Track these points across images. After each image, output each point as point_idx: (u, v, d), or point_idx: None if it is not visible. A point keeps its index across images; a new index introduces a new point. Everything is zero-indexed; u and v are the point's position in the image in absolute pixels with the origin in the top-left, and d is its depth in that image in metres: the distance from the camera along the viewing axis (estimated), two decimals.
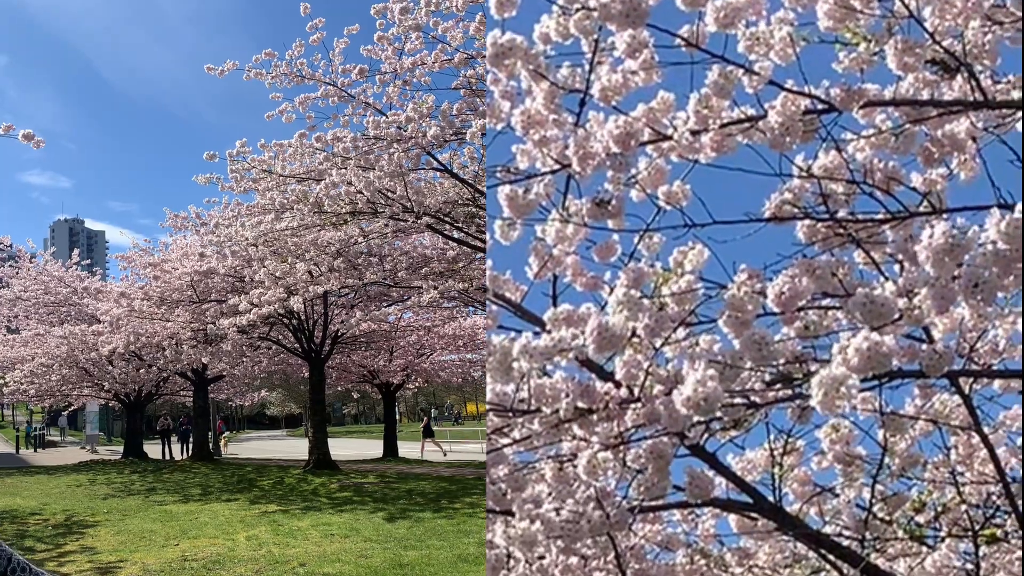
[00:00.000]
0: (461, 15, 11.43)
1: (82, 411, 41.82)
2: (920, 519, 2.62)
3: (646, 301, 2.34)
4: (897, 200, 2.36)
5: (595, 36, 2.33)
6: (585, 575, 2.56)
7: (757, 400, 2.37)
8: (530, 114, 2.38)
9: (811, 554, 2.63)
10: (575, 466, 2.41)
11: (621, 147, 2.33)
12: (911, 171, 2.41)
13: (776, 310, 2.31)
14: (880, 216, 2.36)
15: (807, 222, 2.40)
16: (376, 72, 12.34)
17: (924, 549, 2.60)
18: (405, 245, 19.67)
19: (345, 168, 12.73)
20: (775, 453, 2.57)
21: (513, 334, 2.33)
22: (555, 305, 2.49)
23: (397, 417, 39.23)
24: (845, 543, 2.52)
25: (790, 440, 2.58)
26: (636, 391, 2.35)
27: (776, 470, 2.57)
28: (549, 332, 2.31)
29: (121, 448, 35.12)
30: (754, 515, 2.55)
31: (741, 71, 2.29)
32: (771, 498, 2.52)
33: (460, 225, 14.94)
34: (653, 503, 2.45)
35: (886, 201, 2.37)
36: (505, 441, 2.43)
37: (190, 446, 32.85)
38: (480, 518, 12.99)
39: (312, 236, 15.71)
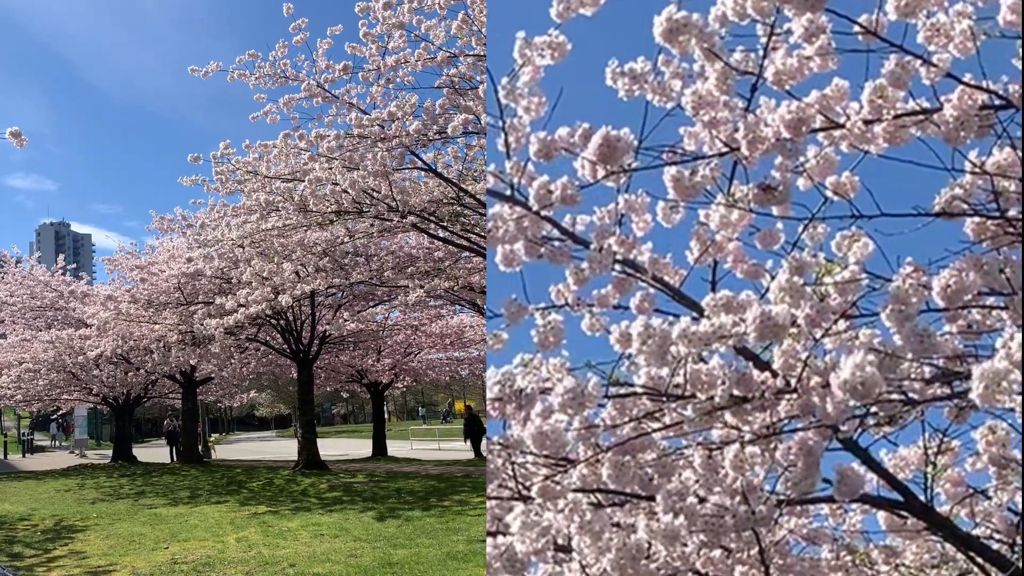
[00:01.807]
0: (443, 14, 11.38)
1: (70, 415, 40.80)
2: None
3: (808, 290, 2.31)
4: None
5: (772, 19, 2.31)
6: (727, 567, 2.56)
7: (915, 397, 2.35)
8: (701, 95, 2.34)
9: (959, 556, 2.62)
10: (723, 456, 2.41)
11: (792, 133, 2.30)
12: None
13: (941, 305, 2.27)
14: None
15: (976, 219, 2.37)
16: (359, 70, 12.15)
17: None
18: (391, 245, 19.55)
19: (330, 166, 12.30)
20: (929, 452, 2.57)
21: (671, 318, 2.32)
22: (714, 291, 2.48)
23: (386, 416, 38.69)
24: (995, 547, 2.50)
25: (945, 439, 2.56)
26: (793, 381, 2.33)
27: (929, 469, 2.56)
28: (708, 318, 2.28)
29: (110, 452, 34.21)
30: (904, 513, 2.54)
31: (919, 62, 2.27)
32: (922, 497, 2.51)
33: (445, 224, 14.83)
34: (802, 498, 2.44)
35: None
36: (655, 425, 2.40)
37: (179, 448, 32.08)
38: (469, 515, 12.84)
39: (298, 236, 15.56)
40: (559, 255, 2.40)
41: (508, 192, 2.35)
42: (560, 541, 2.40)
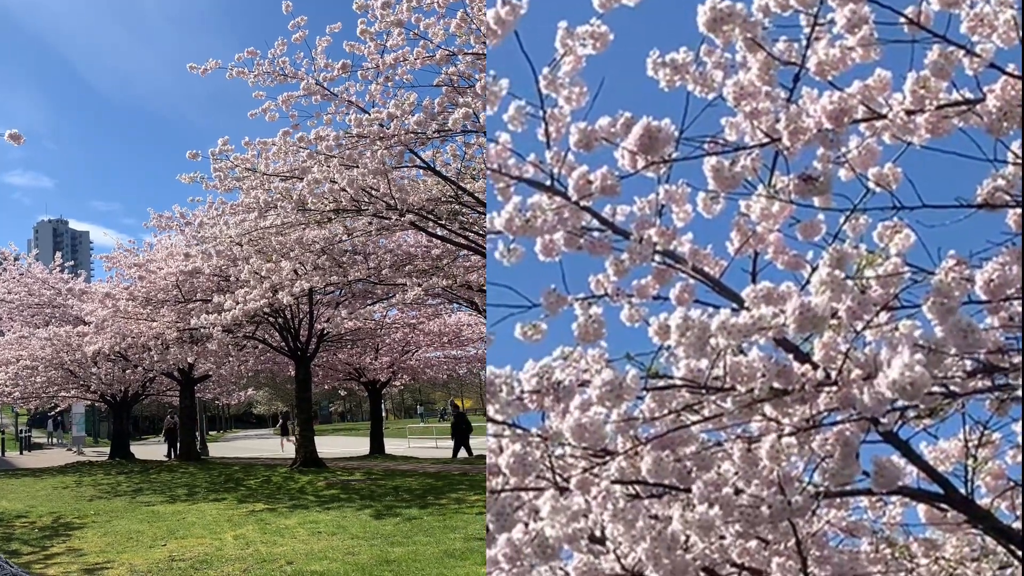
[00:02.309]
0: (442, 12, 11.41)
1: (68, 413, 40.60)
2: None
3: (849, 282, 2.28)
4: None
5: (815, 9, 2.30)
6: (764, 559, 2.55)
7: (956, 390, 2.33)
8: (743, 85, 2.33)
9: (1000, 549, 2.62)
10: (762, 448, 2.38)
11: (834, 124, 2.28)
12: None
13: (984, 298, 2.25)
14: None
15: (1019, 211, 2.34)
16: (358, 68, 12.03)
17: None
18: (389, 243, 19.43)
19: (328, 166, 12.24)
20: (970, 444, 2.57)
21: (710, 309, 2.31)
22: (754, 282, 2.45)
23: (384, 414, 38.62)
24: None
25: (986, 432, 2.56)
26: (833, 374, 2.30)
27: (970, 462, 2.56)
28: (748, 309, 2.25)
29: (107, 449, 34.06)
30: (944, 506, 2.55)
31: (962, 52, 2.25)
32: (962, 490, 2.50)
33: (443, 222, 14.80)
34: (839, 489, 2.44)
35: None
36: (695, 418, 2.38)
37: (177, 447, 31.96)
38: (466, 513, 12.77)
39: (297, 234, 15.47)
40: (599, 246, 2.40)
41: (548, 182, 2.34)
42: (597, 533, 2.37)
